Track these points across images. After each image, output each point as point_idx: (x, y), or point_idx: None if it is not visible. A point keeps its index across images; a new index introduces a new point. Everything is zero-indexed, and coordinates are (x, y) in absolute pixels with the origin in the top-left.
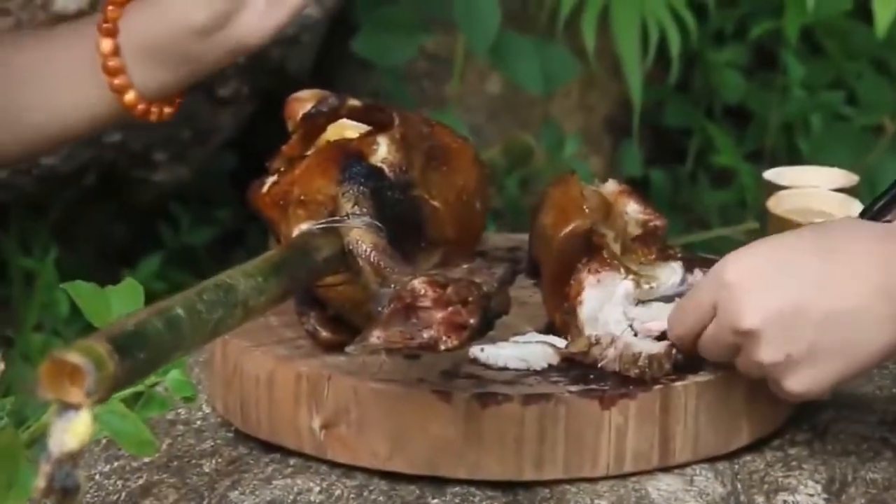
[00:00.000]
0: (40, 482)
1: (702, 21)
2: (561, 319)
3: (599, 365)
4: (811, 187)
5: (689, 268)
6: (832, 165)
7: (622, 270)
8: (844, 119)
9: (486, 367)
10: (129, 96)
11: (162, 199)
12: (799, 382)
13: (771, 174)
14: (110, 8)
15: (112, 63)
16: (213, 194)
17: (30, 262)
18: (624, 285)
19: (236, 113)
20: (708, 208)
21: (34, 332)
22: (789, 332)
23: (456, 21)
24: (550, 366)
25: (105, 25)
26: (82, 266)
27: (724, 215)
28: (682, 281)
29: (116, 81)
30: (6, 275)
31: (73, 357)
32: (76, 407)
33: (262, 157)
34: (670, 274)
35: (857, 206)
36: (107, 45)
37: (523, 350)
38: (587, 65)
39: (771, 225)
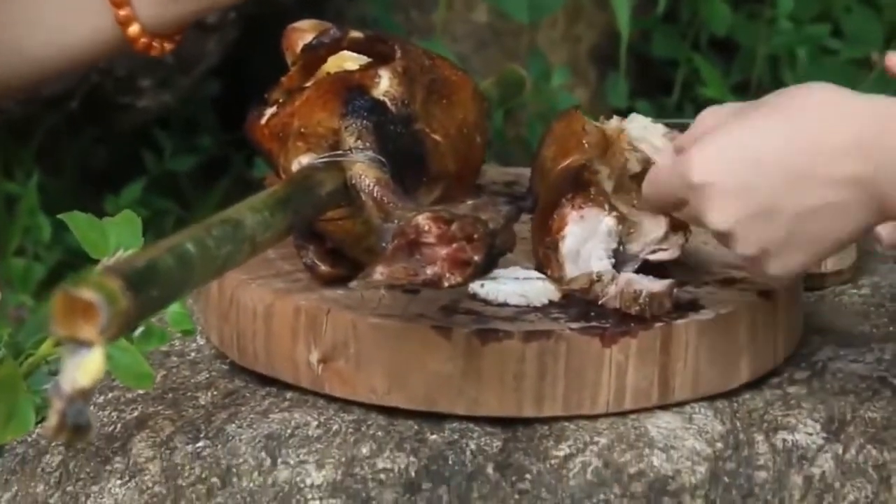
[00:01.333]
0: (52, 419)
1: None
2: (543, 253)
3: (600, 302)
4: None
5: (674, 228)
6: None
7: (607, 207)
8: (831, 52)
9: (487, 302)
10: (133, 29)
11: (145, 126)
12: (777, 268)
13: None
14: None
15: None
16: (196, 121)
17: (12, 187)
18: (606, 222)
19: (221, 39)
20: None
21: (15, 256)
22: (762, 231)
23: None
24: (551, 302)
25: None
26: (65, 191)
27: None
28: (664, 238)
29: (122, 13)
30: None
31: (86, 293)
32: (88, 344)
33: (246, 84)
34: (654, 226)
35: None
36: None
37: (524, 286)
38: None
39: None
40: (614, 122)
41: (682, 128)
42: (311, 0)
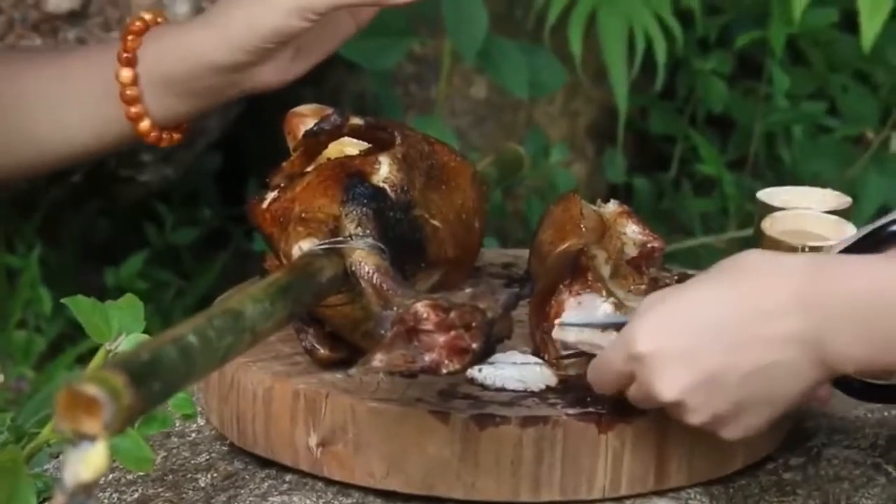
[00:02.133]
0: None
1: (687, 29)
2: (540, 338)
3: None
4: (804, 209)
5: None
6: (814, 176)
7: (604, 293)
8: (827, 130)
9: (484, 387)
10: (144, 124)
11: (147, 199)
12: (731, 432)
13: (764, 194)
14: (130, 38)
15: (130, 92)
16: (197, 194)
17: (14, 260)
18: (604, 308)
19: (222, 115)
20: (691, 216)
21: (17, 329)
22: (710, 398)
23: (444, 26)
24: (548, 387)
25: (125, 55)
26: (66, 264)
27: (706, 223)
28: None
29: (133, 110)
30: None
31: (90, 388)
32: (92, 438)
33: (247, 158)
34: None
35: (850, 229)
36: (126, 74)
37: (521, 371)
38: (573, 71)
39: (764, 246)
40: (612, 205)
41: (618, 327)
42: (310, 75)
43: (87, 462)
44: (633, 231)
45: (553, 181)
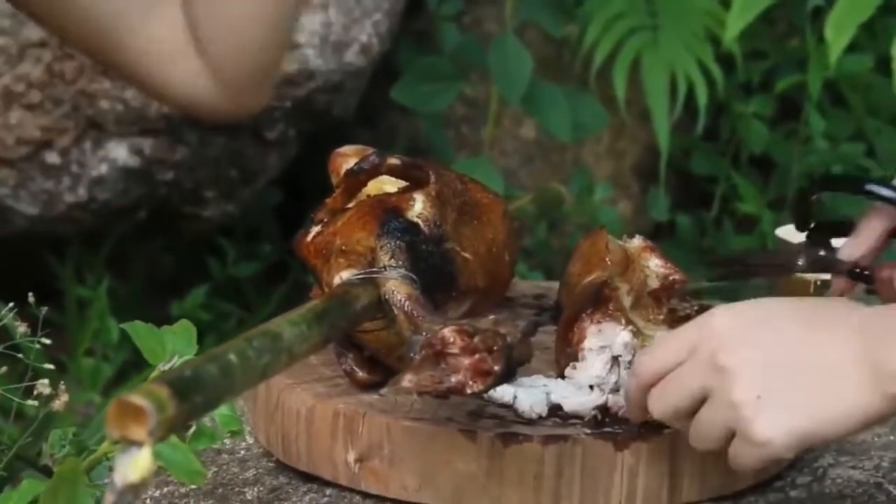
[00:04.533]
0: None
1: (729, 73)
2: (563, 362)
3: (613, 412)
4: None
5: None
6: (852, 217)
7: (623, 322)
8: (864, 170)
9: (511, 408)
10: None
11: (210, 234)
12: (765, 426)
13: (783, 231)
14: None
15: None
16: (257, 229)
17: (84, 291)
18: (622, 336)
19: (282, 154)
20: (732, 253)
21: (85, 356)
22: (762, 376)
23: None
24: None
25: None
26: (133, 295)
27: None
28: None
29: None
30: (62, 302)
31: (138, 400)
32: (139, 444)
33: (305, 194)
34: None
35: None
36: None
37: (545, 392)
38: (617, 112)
39: (781, 282)
40: (636, 240)
41: None
42: (365, 116)
43: (134, 465)
44: (655, 265)
45: (597, 218)
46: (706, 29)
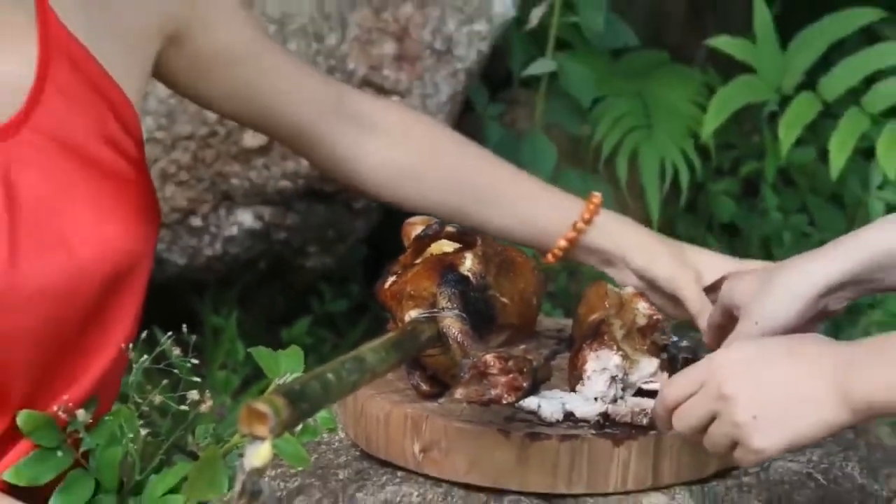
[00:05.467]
0: (237, 488)
1: (705, 161)
2: (573, 382)
3: (612, 417)
4: None
5: (662, 367)
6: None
7: (615, 349)
8: (808, 236)
9: (536, 414)
10: (550, 257)
11: (312, 279)
12: (761, 440)
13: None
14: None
15: (560, 251)
16: (348, 276)
17: (219, 321)
18: (615, 359)
19: (367, 220)
20: None
21: (219, 370)
22: (756, 401)
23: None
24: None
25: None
26: (254, 325)
27: None
28: (654, 374)
29: (555, 251)
30: (202, 330)
31: (261, 406)
32: (261, 439)
33: (383, 250)
34: (647, 365)
35: None
36: (578, 231)
37: (561, 403)
38: (620, 190)
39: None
40: (629, 288)
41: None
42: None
43: (258, 455)
44: (643, 307)
45: (601, 273)
46: (688, 127)
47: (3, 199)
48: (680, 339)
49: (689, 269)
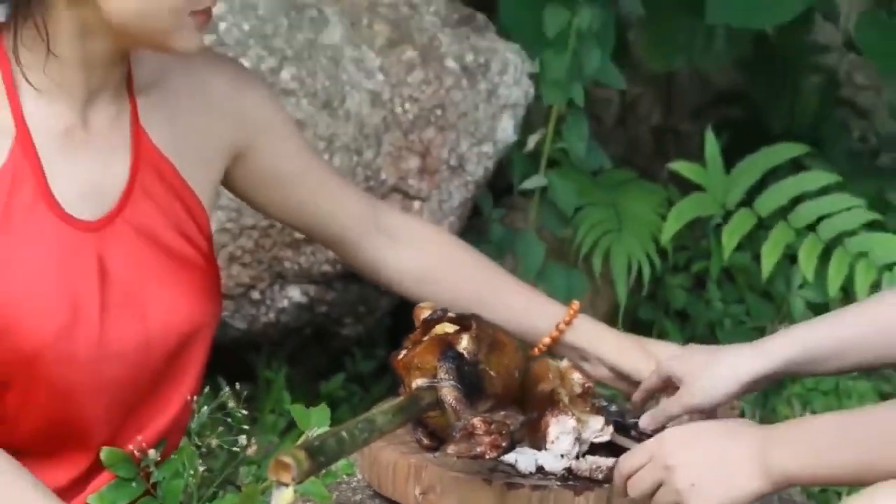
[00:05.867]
0: None
1: (664, 260)
2: (535, 443)
3: (574, 472)
4: None
5: (607, 421)
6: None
7: (570, 414)
8: (743, 323)
9: (513, 467)
10: (536, 351)
11: (347, 343)
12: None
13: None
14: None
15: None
16: (375, 341)
17: (270, 374)
18: (571, 422)
19: (390, 298)
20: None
21: (269, 413)
22: (694, 472)
23: (515, 255)
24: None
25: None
26: (299, 379)
27: None
28: (601, 430)
29: (544, 343)
30: (257, 381)
31: (287, 458)
32: (286, 484)
33: (405, 321)
34: (595, 423)
35: None
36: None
37: (534, 459)
38: (595, 282)
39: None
40: (565, 362)
41: None
42: None
43: (282, 498)
44: (577, 378)
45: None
46: (651, 233)
47: (98, 278)
48: (609, 404)
49: (650, 359)
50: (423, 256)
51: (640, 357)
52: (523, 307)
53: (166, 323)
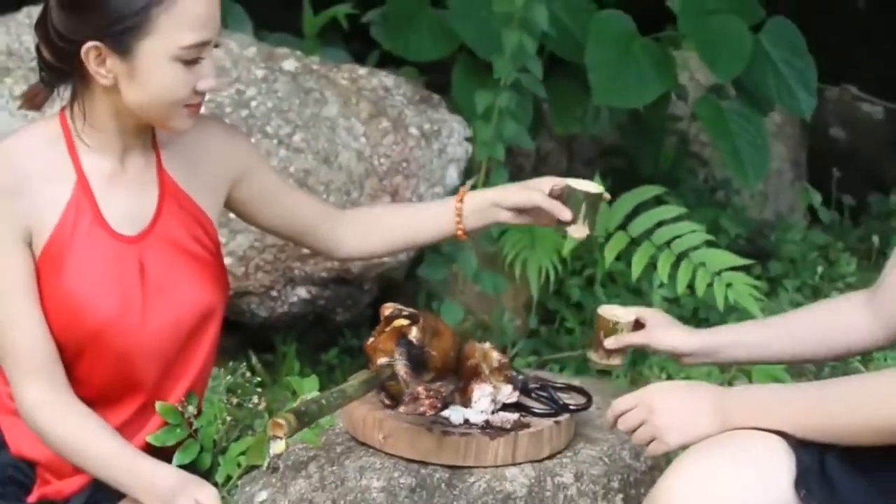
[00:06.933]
0: (266, 462)
1: (564, 266)
2: (464, 402)
3: (491, 424)
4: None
5: (514, 388)
6: None
7: (489, 382)
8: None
9: (447, 420)
10: (460, 233)
11: (340, 326)
12: (670, 438)
13: (603, 310)
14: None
15: (461, 224)
16: (360, 325)
17: (285, 348)
18: (489, 388)
19: (370, 295)
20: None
21: (285, 376)
22: (669, 415)
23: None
24: (467, 421)
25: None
26: (306, 351)
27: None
28: (510, 394)
29: (459, 226)
30: (276, 352)
31: (279, 419)
32: (280, 437)
33: (379, 312)
34: (506, 390)
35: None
36: (459, 206)
37: (462, 414)
38: (515, 282)
39: (597, 321)
40: (487, 345)
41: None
42: (409, 276)
43: (277, 447)
44: (496, 356)
45: (505, 331)
46: (555, 248)
47: (139, 276)
48: (518, 375)
49: (529, 186)
50: (358, 223)
51: (521, 187)
52: (427, 214)
53: (190, 306)
